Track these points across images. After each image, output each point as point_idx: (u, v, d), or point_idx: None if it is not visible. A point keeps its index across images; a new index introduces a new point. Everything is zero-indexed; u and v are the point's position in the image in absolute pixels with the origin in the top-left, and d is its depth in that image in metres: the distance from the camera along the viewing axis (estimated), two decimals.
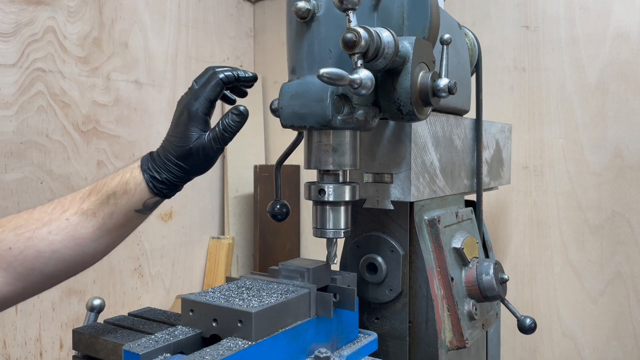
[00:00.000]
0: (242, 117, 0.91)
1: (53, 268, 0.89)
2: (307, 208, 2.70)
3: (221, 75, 0.93)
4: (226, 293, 0.89)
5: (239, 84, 0.96)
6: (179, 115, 0.92)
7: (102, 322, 1.07)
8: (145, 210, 0.93)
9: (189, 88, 0.94)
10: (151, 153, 0.94)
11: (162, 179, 0.91)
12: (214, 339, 0.82)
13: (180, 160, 0.90)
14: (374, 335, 1.03)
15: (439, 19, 0.95)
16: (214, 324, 0.82)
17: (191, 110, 0.90)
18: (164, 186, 0.91)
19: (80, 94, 2.00)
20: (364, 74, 0.76)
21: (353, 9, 0.76)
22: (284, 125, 0.91)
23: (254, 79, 0.97)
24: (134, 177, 0.91)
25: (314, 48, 0.87)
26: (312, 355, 0.88)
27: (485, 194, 1.35)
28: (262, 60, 2.87)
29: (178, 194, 0.97)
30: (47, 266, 0.88)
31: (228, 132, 0.91)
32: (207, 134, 0.91)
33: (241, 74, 0.95)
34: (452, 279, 1.06)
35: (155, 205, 0.94)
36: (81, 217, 0.89)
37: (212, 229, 2.61)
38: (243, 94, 1.04)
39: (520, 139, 2.04)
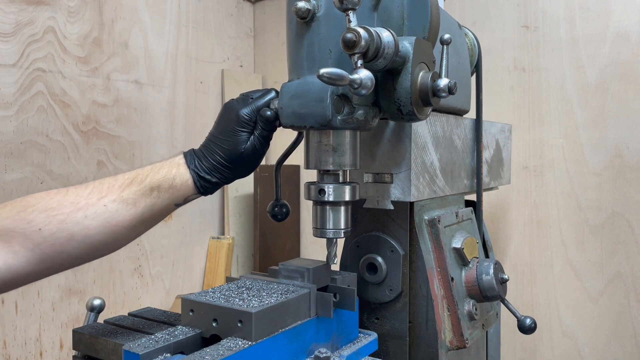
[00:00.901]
0: (265, 122, 0.93)
1: (82, 252, 0.89)
2: (307, 208, 2.70)
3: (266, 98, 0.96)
4: (226, 293, 0.89)
5: None
6: (228, 119, 0.93)
7: (102, 322, 1.07)
8: (184, 204, 0.95)
9: (241, 94, 0.98)
10: (194, 151, 0.95)
11: (211, 180, 0.93)
12: (214, 339, 0.82)
13: (232, 164, 0.93)
14: (374, 335, 1.03)
15: (439, 19, 0.95)
16: (214, 324, 0.82)
17: (242, 114, 0.92)
18: (210, 185, 0.94)
19: (80, 94, 2.00)
20: (364, 74, 0.76)
21: (353, 9, 0.76)
22: (284, 125, 0.91)
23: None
24: (180, 174, 0.92)
25: (314, 48, 0.87)
26: (312, 355, 0.88)
27: (485, 194, 1.35)
28: (262, 60, 2.87)
29: None
30: (77, 250, 0.88)
31: (264, 137, 0.94)
32: (252, 137, 0.93)
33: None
34: (452, 279, 1.06)
35: (192, 199, 0.96)
36: (120, 204, 0.89)
37: (212, 229, 2.61)
38: None
39: (520, 139, 2.04)
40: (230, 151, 0.92)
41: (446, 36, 0.94)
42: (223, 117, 0.94)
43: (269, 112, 0.92)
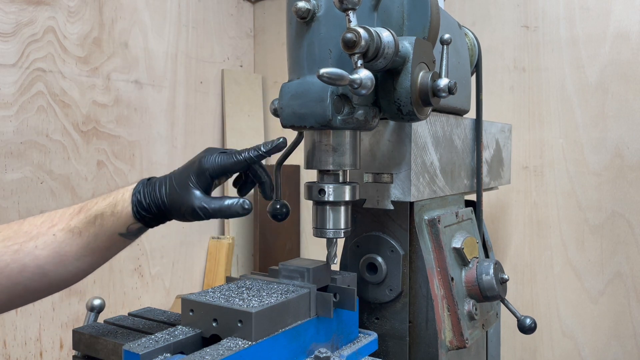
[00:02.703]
0: (245, 211, 0.87)
1: (36, 283, 0.87)
2: (307, 208, 2.70)
3: (246, 155, 0.89)
4: (226, 293, 0.89)
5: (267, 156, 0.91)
6: (192, 163, 0.89)
7: (102, 322, 1.07)
8: (129, 235, 0.90)
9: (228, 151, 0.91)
10: (150, 178, 0.91)
11: (147, 207, 0.88)
12: (214, 339, 0.82)
13: (167, 205, 0.88)
14: (374, 335, 1.03)
15: (439, 19, 0.95)
16: (214, 324, 0.82)
17: (204, 165, 0.88)
18: (149, 215, 0.88)
19: (80, 94, 2.00)
20: (364, 74, 0.76)
21: (353, 9, 0.76)
22: (284, 126, 0.91)
23: (280, 147, 0.91)
24: (123, 200, 0.88)
25: (314, 48, 0.87)
26: (312, 355, 0.88)
27: (485, 194, 1.35)
28: (262, 60, 2.87)
29: None
30: (31, 281, 0.87)
31: (218, 213, 0.86)
32: (201, 198, 0.86)
33: (265, 147, 0.90)
34: (452, 279, 1.06)
35: (139, 232, 0.91)
36: (67, 234, 0.87)
37: (212, 229, 2.61)
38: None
39: (520, 139, 2.04)
40: (170, 195, 0.87)
41: (446, 36, 0.94)
42: (193, 160, 0.90)
43: (234, 210, 0.86)
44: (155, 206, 0.88)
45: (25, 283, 0.87)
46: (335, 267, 1.04)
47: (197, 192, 0.87)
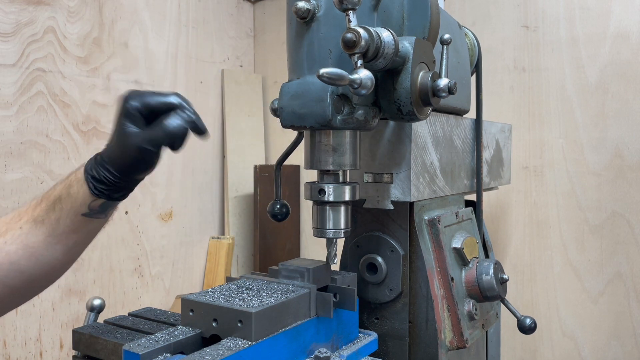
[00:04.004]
0: (191, 123, 0.82)
1: (14, 281, 0.85)
2: (307, 208, 2.70)
3: (175, 100, 0.84)
4: (226, 293, 0.89)
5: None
6: (118, 110, 0.84)
7: (102, 322, 1.07)
8: (92, 213, 0.86)
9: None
10: (98, 153, 0.87)
11: (100, 178, 0.83)
12: (214, 339, 0.82)
13: (115, 165, 0.83)
14: (374, 335, 1.03)
15: (439, 19, 0.95)
16: (214, 324, 0.82)
17: (127, 106, 0.82)
18: (104, 186, 0.84)
19: (80, 94, 2.00)
20: (364, 74, 0.76)
21: (353, 9, 0.76)
22: (284, 126, 0.91)
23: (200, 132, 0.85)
24: (77, 179, 0.85)
25: (314, 48, 0.87)
26: (312, 355, 0.88)
27: (485, 194, 1.35)
28: (262, 60, 2.87)
29: (178, 193, 0.95)
30: (8, 279, 0.85)
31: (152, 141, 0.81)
32: (138, 134, 0.81)
33: (194, 125, 0.84)
34: (452, 279, 1.06)
35: (103, 209, 0.87)
36: (32, 224, 0.85)
37: (212, 229, 2.61)
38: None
39: (520, 139, 2.04)
40: (109, 145, 0.83)
41: (446, 36, 0.94)
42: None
43: (175, 124, 0.80)
44: (107, 172, 0.83)
45: (4, 281, 0.85)
46: (335, 267, 1.04)
47: (132, 130, 0.81)
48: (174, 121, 0.81)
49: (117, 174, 0.83)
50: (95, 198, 0.84)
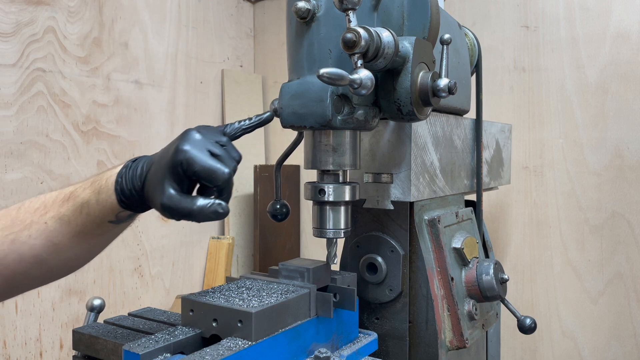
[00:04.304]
0: (218, 216, 0.76)
1: (37, 272, 0.86)
2: (307, 208, 2.70)
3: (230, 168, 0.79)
4: (226, 293, 0.89)
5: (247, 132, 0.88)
6: (170, 147, 0.79)
7: (102, 322, 1.07)
8: (119, 221, 0.85)
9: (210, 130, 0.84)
10: (137, 159, 0.84)
11: (128, 194, 0.81)
12: (214, 339, 0.82)
13: (144, 195, 0.81)
14: (374, 335, 1.03)
15: (439, 19, 0.95)
16: (214, 324, 0.82)
17: (177, 158, 0.75)
18: (132, 202, 0.82)
19: (80, 94, 2.00)
20: (364, 74, 0.76)
21: (353, 9, 0.76)
22: (284, 126, 0.91)
23: (265, 121, 0.88)
24: (107, 187, 0.82)
25: (314, 48, 0.87)
26: (312, 355, 0.88)
27: (485, 194, 1.35)
28: (262, 60, 2.87)
29: None
30: (32, 270, 0.85)
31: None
32: (171, 196, 0.75)
33: (245, 123, 0.86)
34: (452, 279, 1.06)
35: (131, 218, 0.86)
36: (57, 222, 0.84)
37: (212, 229, 2.61)
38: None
39: (520, 139, 2.04)
40: (149, 176, 0.80)
41: (446, 36, 0.94)
42: (171, 144, 0.79)
43: (205, 211, 0.74)
44: (137, 194, 0.81)
45: (27, 272, 0.86)
46: (335, 267, 1.04)
47: (169, 189, 0.76)
48: (205, 208, 0.74)
49: (143, 201, 0.82)
50: (122, 209, 0.83)
